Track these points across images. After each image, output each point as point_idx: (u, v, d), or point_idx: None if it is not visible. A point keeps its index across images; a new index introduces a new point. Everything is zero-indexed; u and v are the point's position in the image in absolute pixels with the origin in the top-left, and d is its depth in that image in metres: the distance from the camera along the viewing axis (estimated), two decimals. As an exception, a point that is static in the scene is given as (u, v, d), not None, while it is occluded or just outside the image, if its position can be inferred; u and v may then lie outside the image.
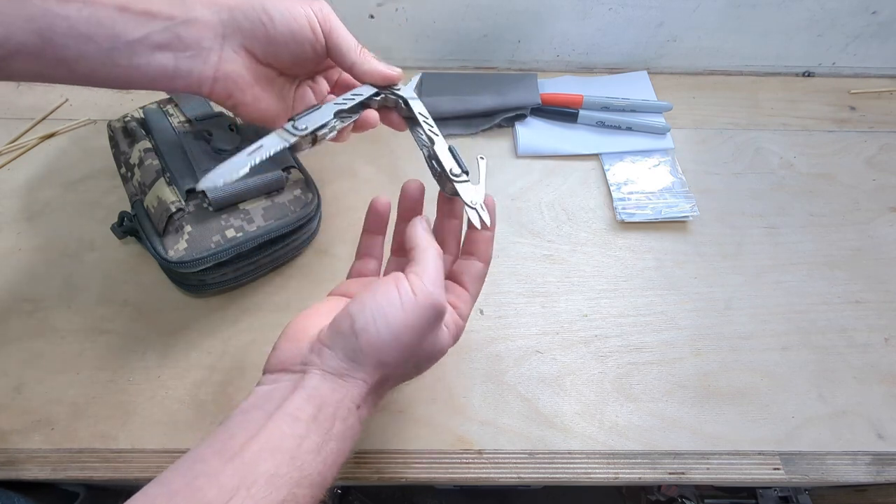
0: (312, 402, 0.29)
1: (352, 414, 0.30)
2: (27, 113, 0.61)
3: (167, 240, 0.44)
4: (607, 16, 0.64)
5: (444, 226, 0.39)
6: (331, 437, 0.29)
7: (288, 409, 0.29)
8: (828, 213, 0.57)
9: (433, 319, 0.31)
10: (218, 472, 0.25)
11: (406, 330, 0.30)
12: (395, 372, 0.32)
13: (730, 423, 0.45)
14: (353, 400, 0.30)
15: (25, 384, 0.44)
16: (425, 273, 0.32)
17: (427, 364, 0.35)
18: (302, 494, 0.27)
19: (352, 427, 0.30)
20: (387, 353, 0.30)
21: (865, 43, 0.67)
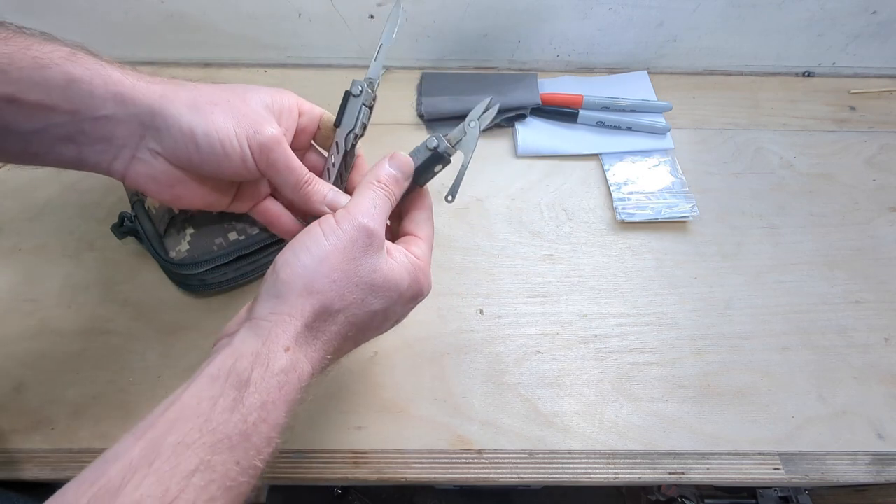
0: (231, 356, 0.27)
1: (278, 358, 0.27)
2: (27, 113, 0.61)
3: (169, 241, 0.45)
4: (607, 16, 0.64)
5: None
6: (249, 391, 0.26)
7: (207, 370, 0.27)
8: (828, 213, 0.57)
9: (363, 240, 0.30)
10: (126, 451, 0.24)
11: (331, 253, 0.29)
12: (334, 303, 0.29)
13: (730, 423, 0.45)
14: (280, 341, 0.28)
15: (25, 384, 0.44)
16: (354, 205, 0.31)
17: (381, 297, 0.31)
18: (220, 461, 0.24)
19: (280, 374, 0.27)
20: (313, 278, 0.29)
21: (865, 43, 0.67)
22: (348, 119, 0.39)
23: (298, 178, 0.35)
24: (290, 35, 0.64)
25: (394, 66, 0.69)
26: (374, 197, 0.32)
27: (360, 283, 0.30)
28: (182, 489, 0.23)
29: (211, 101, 0.33)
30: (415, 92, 0.66)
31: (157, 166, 0.33)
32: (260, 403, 0.26)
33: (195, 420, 0.25)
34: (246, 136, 0.33)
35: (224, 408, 0.25)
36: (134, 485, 0.23)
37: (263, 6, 0.62)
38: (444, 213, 0.56)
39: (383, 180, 0.33)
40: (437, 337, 0.48)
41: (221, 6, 0.61)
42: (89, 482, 0.23)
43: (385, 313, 0.32)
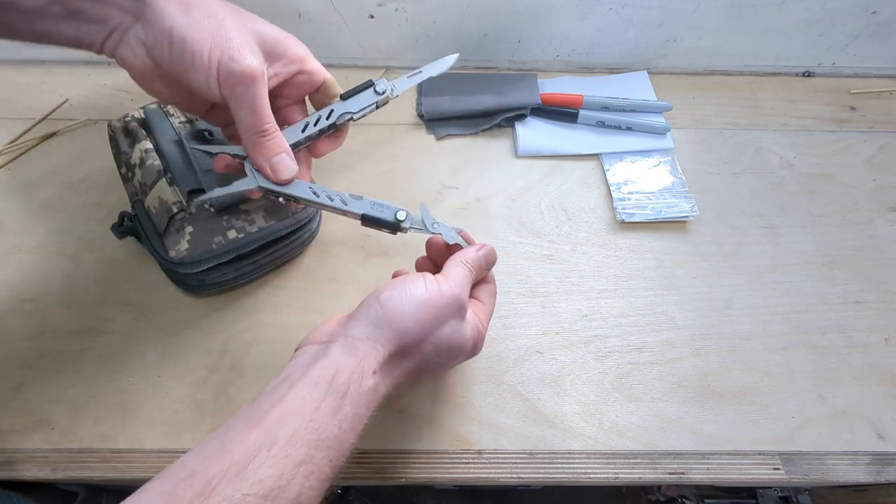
0: (331, 367, 0.31)
1: (367, 378, 0.31)
2: (27, 113, 0.61)
3: (168, 240, 0.45)
4: (607, 16, 0.64)
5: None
6: (346, 402, 0.30)
7: (310, 375, 0.30)
8: (828, 213, 0.57)
9: (453, 307, 0.34)
10: (244, 437, 0.27)
11: (427, 307, 0.33)
12: (415, 348, 0.33)
13: (730, 423, 0.45)
14: (370, 364, 0.31)
15: (25, 384, 0.44)
16: (453, 275, 0.36)
17: (447, 353, 0.35)
18: (320, 457, 0.28)
19: (367, 392, 0.31)
20: (407, 322, 0.33)
21: (865, 43, 0.67)
22: (355, 103, 0.40)
23: (257, 123, 0.36)
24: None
25: (394, 66, 0.69)
26: (466, 274, 0.37)
27: (439, 339, 0.34)
28: (293, 476, 0.27)
29: (205, 13, 0.34)
30: (415, 92, 0.66)
31: (139, 55, 0.35)
32: (353, 414, 0.30)
33: (301, 419, 0.28)
34: (219, 58, 0.33)
35: (325, 412, 0.29)
36: (256, 465, 0.26)
37: (263, 6, 0.62)
38: (445, 213, 0.56)
39: (471, 264, 0.38)
40: (437, 337, 0.48)
41: (221, 6, 0.61)
42: (213, 457, 0.26)
43: (445, 365, 0.37)
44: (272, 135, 0.36)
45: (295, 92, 0.40)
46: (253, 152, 0.37)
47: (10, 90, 0.64)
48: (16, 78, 0.65)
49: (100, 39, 0.34)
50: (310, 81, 0.39)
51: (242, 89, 0.34)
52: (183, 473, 0.26)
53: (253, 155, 0.37)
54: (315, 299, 0.50)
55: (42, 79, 0.65)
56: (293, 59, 0.37)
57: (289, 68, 0.37)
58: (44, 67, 0.66)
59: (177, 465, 0.27)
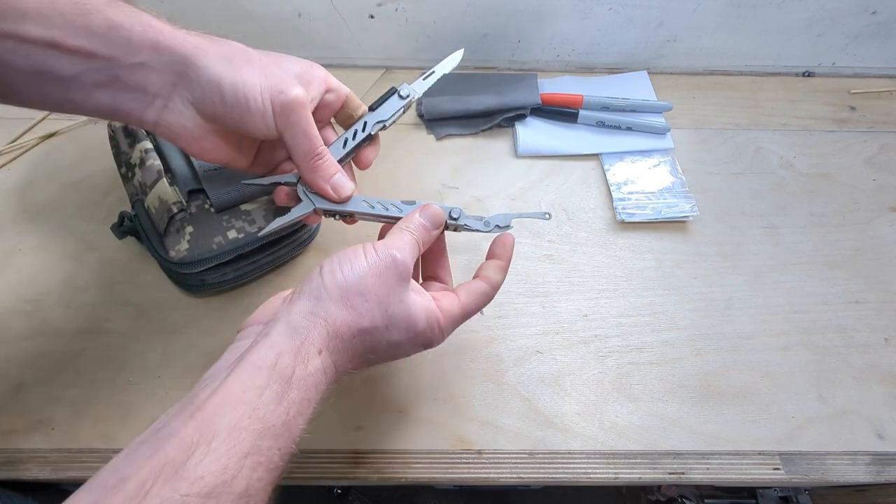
0: (273, 350, 0.29)
1: (313, 358, 0.29)
2: (27, 113, 0.61)
3: (168, 240, 0.45)
4: (607, 16, 0.64)
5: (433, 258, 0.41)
6: (292, 386, 0.28)
7: (250, 359, 0.28)
8: (828, 213, 0.57)
9: (394, 271, 0.32)
10: (179, 430, 0.25)
11: (369, 275, 0.32)
12: (363, 321, 0.31)
13: (730, 423, 0.45)
14: (314, 343, 0.30)
15: (25, 384, 0.44)
16: (388, 240, 0.34)
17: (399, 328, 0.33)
18: (266, 446, 0.26)
19: (315, 373, 0.29)
20: (350, 292, 0.31)
21: (865, 43, 0.67)
22: (385, 110, 0.42)
23: (312, 148, 0.37)
24: (290, 35, 0.64)
25: (394, 66, 0.69)
26: (406, 238, 0.35)
27: (388, 311, 0.32)
28: (239, 469, 0.25)
29: (244, 58, 0.35)
30: (415, 92, 0.66)
31: (187, 116, 0.35)
32: (300, 399, 0.28)
33: (244, 407, 0.27)
34: (270, 94, 0.34)
35: (270, 399, 0.27)
36: (195, 461, 0.24)
37: (263, 6, 0.62)
38: (444, 213, 0.56)
39: (412, 227, 0.36)
40: (437, 337, 0.48)
41: (221, 6, 0.62)
42: (145, 456, 0.24)
43: (398, 346, 0.34)
44: (326, 157, 0.38)
45: (325, 113, 0.41)
46: (312, 176, 0.38)
47: (10, 90, 0.64)
48: (16, 78, 0.65)
49: (140, 107, 0.34)
50: (336, 99, 0.40)
51: (295, 117, 0.35)
52: (113, 479, 0.24)
53: (312, 179, 0.38)
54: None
55: (42, 79, 0.65)
56: (319, 80, 0.39)
57: (319, 89, 0.39)
58: (44, 67, 0.66)
59: (106, 471, 0.25)
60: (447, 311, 0.36)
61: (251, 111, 0.34)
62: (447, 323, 0.36)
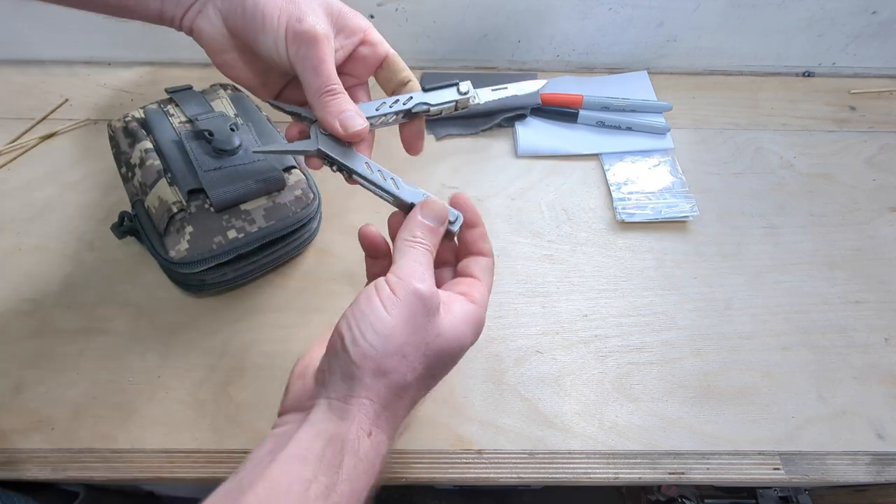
0: (320, 438, 0.27)
1: (363, 443, 0.27)
2: (27, 113, 0.61)
3: (168, 240, 0.45)
4: (607, 16, 0.64)
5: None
6: (342, 478, 0.26)
7: (294, 448, 0.26)
8: (828, 213, 0.57)
9: (422, 309, 0.29)
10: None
11: (396, 330, 0.28)
12: (406, 378, 0.29)
13: (730, 423, 0.45)
14: (362, 425, 0.28)
15: (25, 384, 0.44)
16: (401, 269, 0.30)
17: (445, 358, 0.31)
18: None
19: (366, 459, 0.27)
20: (383, 359, 0.28)
21: (865, 43, 0.67)
22: (436, 97, 0.40)
23: (322, 83, 0.35)
24: (290, 35, 0.64)
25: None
26: (417, 256, 0.31)
27: (429, 352, 0.30)
28: None
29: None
30: (415, 92, 0.66)
31: (215, 25, 0.36)
32: (349, 490, 0.26)
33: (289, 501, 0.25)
34: (287, 20, 0.34)
35: (317, 494, 0.25)
36: None
37: (263, 6, 0.62)
38: (444, 213, 0.56)
39: (418, 236, 0.33)
40: (437, 337, 0.48)
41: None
42: None
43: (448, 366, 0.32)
44: (339, 94, 0.35)
45: (359, 68, 0.39)
46: (321, 112, 0.35)
47: (10, 90, 0.64)
48: (16, 78, 0.65)
49: (181, 12, 0.36)
50: (373, 55, 0.38)
51: (306, 49, 0.34)
52: None
53: (322, 115, 0.36)
54: (315, 299, 0.50)
55: (42, 79, 0.65)
56: (354, 29, 0.37)
57: (351, 39, 0.37)
58: (44, 67, 0.66)
59: None
60: (482, 302, 0.34)
61: (265, 30, 0.34)
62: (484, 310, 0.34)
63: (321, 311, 0.49)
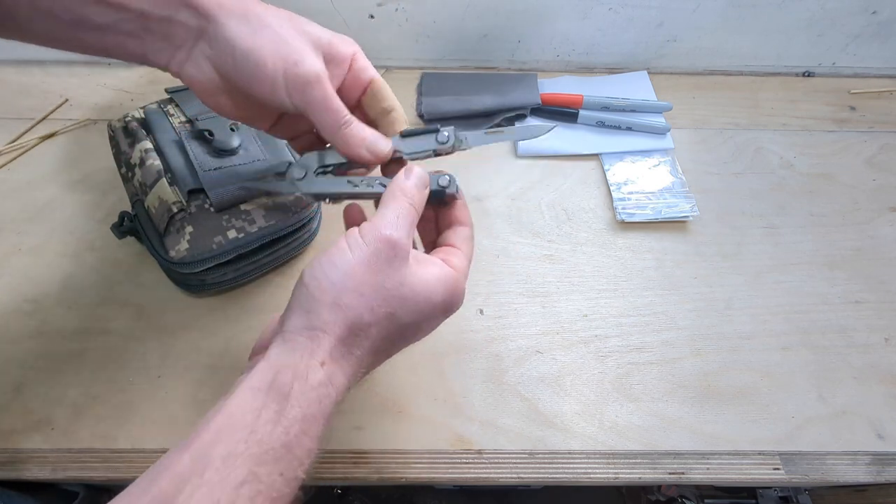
0: (271, 370, 0.27)
1: (314, 372, 0.28)
2: (27, 113, 0.61)
3: (168, 240, 0.45)
4: (607, 16, 0.64)
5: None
6: (292, 404, 0.27)
7: (247, 382, 0.27)
8: (828, 213, 0.57)
9: (387, 253, 0.30)
10: (175, 463, 0.24)
11: (356, 266, 0.29)
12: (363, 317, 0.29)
13: (730, 423, 0.45)
14: (315, 355, 0.28)
15: (25, 384, 0.44)
16: (376, 217, 0.31)
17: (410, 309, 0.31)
18: (266, 472, 0.25)
19: (318, 387, 0.28)
20: (341, 293, 0.29)
21: (865, 43, 0.67)
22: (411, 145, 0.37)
23: (337, 119, 0.35)
24: (290, 35, 0.64)
25: (394, 66, 0.69)
26: (397, 207, 0.32)
27: (389, 296, 0.30)
28: (232, 500, 0.24)
29: (264, 23, 0.34)
30: (415, 92, 0.66)
31: (205, 71, 0.35)
32: (301, 416, 0.27)
33: (240, 432, 0.25)
34: (284, 66, 0.33)
35: (267, 420, 0.26)
36: (186, 494, 0.23)
37: (263, 6, 0.62)
38: (444, 213, 0.56)
39: (405, 190, 0.33)
40: (437, 337, 0.48)
41: (221, 6, 0.61)
42: (141, 490, 0.24)
43: (417, 326, 0.32)
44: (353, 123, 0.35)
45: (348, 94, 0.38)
46: (344, 146, 0.36)
47: (10, 90, 0.64)
48: (16, 78, 0.65)
49: (166, 57, 0.35)
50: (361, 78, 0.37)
51: (311, 91, 0.34)
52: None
53: (345, 149, 0.36)
54: (315, 299, 0.50)
55: (42, 79, 0.65)
56: (344, 57, 0.36)
57: (341, 68, 0.36)
58: (44, 67, 0.66)
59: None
60: (461, 269, 0.34)
61: (259, 80, 0.33)
62: (463, 277, 0.33)
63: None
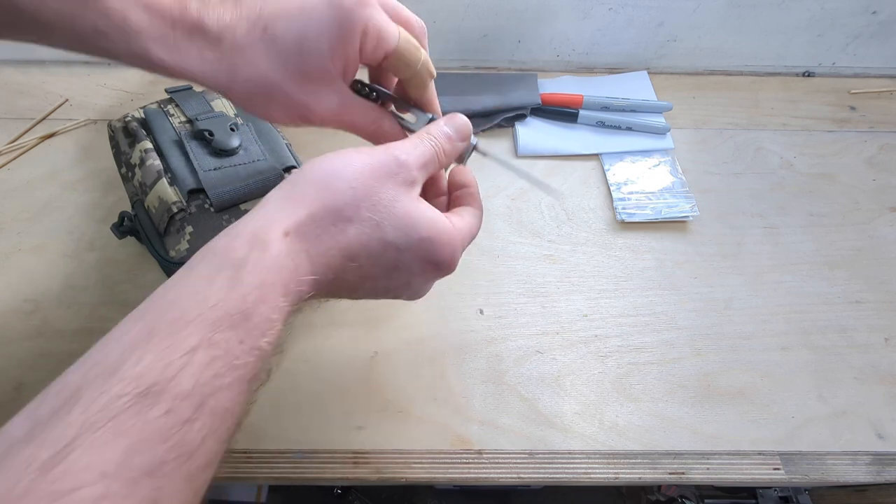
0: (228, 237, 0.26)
1: (274, 242, 0.25)
2: (27, 113, 0.61)
3: (168, 240, 0.45)
4: (607, 16, 0.64)
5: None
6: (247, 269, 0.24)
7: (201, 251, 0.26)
8: (828, 213, 0.57)
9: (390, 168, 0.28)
10: (125, 333, 0.23)
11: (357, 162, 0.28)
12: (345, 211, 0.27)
13: (730, 423, 0.45)
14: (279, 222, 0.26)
15: (25, 384, 0.44)
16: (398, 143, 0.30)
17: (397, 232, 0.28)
18: (223, 339, 0.23)
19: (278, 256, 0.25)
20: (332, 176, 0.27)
21: (865, 43, 0.67)
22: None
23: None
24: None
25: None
26: (419, 142, 0.31)
27: (379, 204, 0.28)
28: (184, 364, 0.22)
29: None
30: (415, 92, 0.66)
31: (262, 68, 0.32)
32: (258, 283, 0.24)
33: (192, 298, 0.24)
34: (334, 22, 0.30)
35: (221, 286, 0.24)
36: (133, 361, 0.22)
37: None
38: (444, 213, 0.56)
39: (434, 133, 0.32)
40: (437, 337, 0.48)
41: (221, 6, 0.61)
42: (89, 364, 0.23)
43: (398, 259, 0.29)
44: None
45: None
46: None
47: (10, 90, 0.64)
48: (16, 78, 0.65)
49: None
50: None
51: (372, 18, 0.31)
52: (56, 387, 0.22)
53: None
54: (315, 299, 0.50)
55: (42, 79, 0.65)
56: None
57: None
58: (44, 67, 0.66)
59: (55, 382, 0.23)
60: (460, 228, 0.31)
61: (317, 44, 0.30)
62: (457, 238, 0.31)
63: (321, 311, 0.49)
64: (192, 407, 0.21)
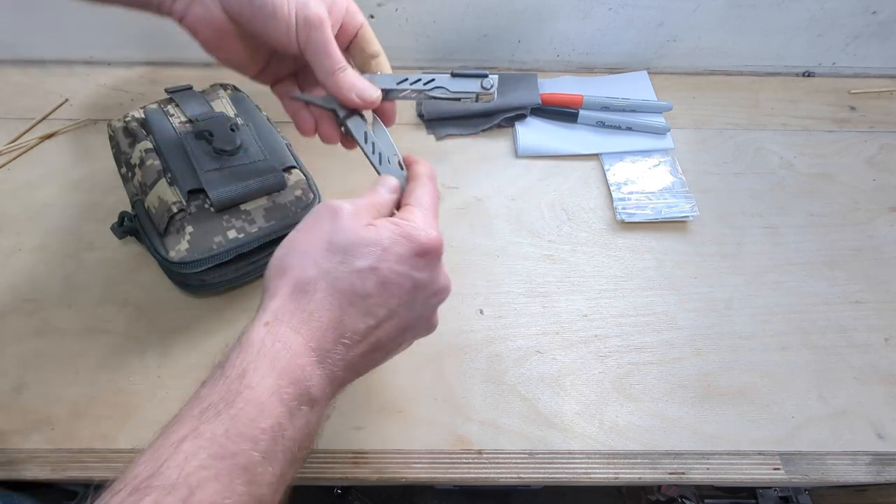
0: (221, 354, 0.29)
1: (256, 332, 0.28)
2: (27, 113, 0.61)
3: (168, 240, 0.45)
4: (607, 16, 0.64)
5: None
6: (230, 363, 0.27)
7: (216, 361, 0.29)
8: (828, 213, 0.57)
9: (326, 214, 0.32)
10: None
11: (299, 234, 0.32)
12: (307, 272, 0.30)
13: (730, 423, 0.45)
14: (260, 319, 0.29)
15: (25, 384, 0.44)
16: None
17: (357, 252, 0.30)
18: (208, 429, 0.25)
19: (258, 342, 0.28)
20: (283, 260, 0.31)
21: (865, 43, 0.67)
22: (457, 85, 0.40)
23: (332, 64, 0.37)
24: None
25: (394, 66, 0.68)
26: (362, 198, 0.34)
27: (331, 246, 0.31)
28: (169, 455, 0.24)
29: None
30: (415, 92, 0.66)
31: (213, 12, 0.35)
32: (240, 372, 0.27)
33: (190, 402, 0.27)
34: (296, 6, 0.35)
35: (210, 384, 0.27)
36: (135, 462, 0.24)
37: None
38: (444, 213, 0.56)
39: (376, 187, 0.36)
40: (437, 337, 0.48)
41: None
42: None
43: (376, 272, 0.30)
44: (347, 69, 0.38)
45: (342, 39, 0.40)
46: (337, 92, 0.38)
47: (10, 90, 0.64)
48: (16, 78, 0.65)
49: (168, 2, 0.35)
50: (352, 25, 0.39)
51: (317, 34, 0.35)
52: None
53: (338, 94, 0.38)
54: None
55: (42, 79, 0.65)
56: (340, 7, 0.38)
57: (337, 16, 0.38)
58: (44, 67, 0.66)
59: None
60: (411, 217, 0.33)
61: (276, 19, 0.34)
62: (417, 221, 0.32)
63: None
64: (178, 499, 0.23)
